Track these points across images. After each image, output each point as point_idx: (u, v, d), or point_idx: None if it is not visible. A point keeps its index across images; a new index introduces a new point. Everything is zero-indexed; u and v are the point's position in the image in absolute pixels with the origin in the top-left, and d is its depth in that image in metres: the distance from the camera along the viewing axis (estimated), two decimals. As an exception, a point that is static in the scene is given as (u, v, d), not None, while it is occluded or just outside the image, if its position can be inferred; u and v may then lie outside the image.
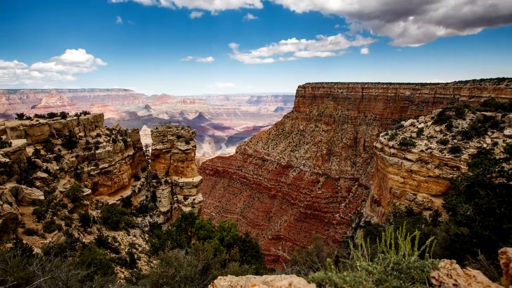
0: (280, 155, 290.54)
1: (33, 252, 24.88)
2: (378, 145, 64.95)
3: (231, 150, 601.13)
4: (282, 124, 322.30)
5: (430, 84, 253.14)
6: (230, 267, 19.53)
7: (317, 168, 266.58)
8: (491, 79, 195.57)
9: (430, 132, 59.24)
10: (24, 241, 29.00)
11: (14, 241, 26.85)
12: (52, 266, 18.47)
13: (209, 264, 18.60)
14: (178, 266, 17.44)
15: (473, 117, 58.25)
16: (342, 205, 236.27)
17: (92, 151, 71.92)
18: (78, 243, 38.56)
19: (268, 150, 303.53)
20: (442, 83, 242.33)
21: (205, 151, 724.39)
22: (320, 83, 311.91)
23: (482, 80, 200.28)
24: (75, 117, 73.99)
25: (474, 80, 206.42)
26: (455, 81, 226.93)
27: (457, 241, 16.02)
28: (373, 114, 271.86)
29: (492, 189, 21.36)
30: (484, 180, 22.66)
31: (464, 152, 50.80)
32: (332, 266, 6.62)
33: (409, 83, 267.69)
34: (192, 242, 30.48)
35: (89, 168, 70.27)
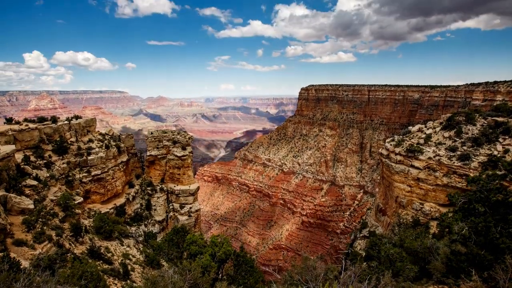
0: (282, 161, 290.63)
1: (21, 266, 25.06)
2: (384, 152, 65.19)
3: (230, 155, 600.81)
4: (284, 128, 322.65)
5: (441, 86, 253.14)
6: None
7: (321, 174, 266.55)
8: (505, 81, 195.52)
9: (438, 139, 59.48)
10: (13, 253, 29.26)
11: (2, 254, 27.09)
12: (40, 281, 18.69)
13: (196, 284, 18.82)
14: (163, 287, 17.66)
15: (484, 123, 58.45)
16: (347, 213, 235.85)
17: (84, 157, 72.29)
18: (69, 254, 38.76)
19: (269, 156, 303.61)
20: (453, 86, 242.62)
21: (202, 157, 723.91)
22: (324, 85, 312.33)
23: (495, 82, 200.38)
24: (66, 122, 74.40)
25: (487, 83, 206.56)
26: (466, 84, 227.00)
27: (453, 260, 16.27)
28: (380, 118, 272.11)
29: (491, 206, 21.57)
30: (482, 197, 22.86)
31: (474, 159, 50.94)
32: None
33: (418, 86, 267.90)
34: (184, 256, 30.79)
35: (81, 175, 70.58)
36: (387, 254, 20.31)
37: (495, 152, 50.46)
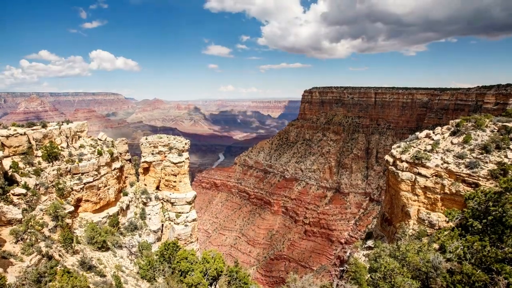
0: (284, 167, 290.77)
1: (6, 282, 25.21)
2: (390, 159, 65.29)
3: (229, 161, 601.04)
4: (286, 133, 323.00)
5: (451, 89, 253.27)
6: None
7: (325, 181, 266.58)
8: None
9: (446, 145, 59.63)
10: None
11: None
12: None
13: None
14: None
15: (494, 129, 58.61)
16: (352, 222, 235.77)
17: (75, 164, 72.37)
18: (59, 266, 38.99)
19: (270, 162, 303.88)
20: (463, 88, 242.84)
21: (200, 163, 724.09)
22: (328, 87, 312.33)
23: (508, 85, 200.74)
24: (56, 127, 74.43)
25: (499, 85, 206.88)
26: (478, 86, 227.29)
27: (448, 279, 16.43)
28: (386, 122, 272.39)
29: (488, 223, 21.73)
30: (479, 215, 23.02)
31: (483, 167, 51.14)
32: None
33: (427, 88, 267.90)
34: (176, 272, 31.04)
35: (72, 183, 70.59)
36: (387, 269, 20.52)
37: (506, 160, 50.59)
